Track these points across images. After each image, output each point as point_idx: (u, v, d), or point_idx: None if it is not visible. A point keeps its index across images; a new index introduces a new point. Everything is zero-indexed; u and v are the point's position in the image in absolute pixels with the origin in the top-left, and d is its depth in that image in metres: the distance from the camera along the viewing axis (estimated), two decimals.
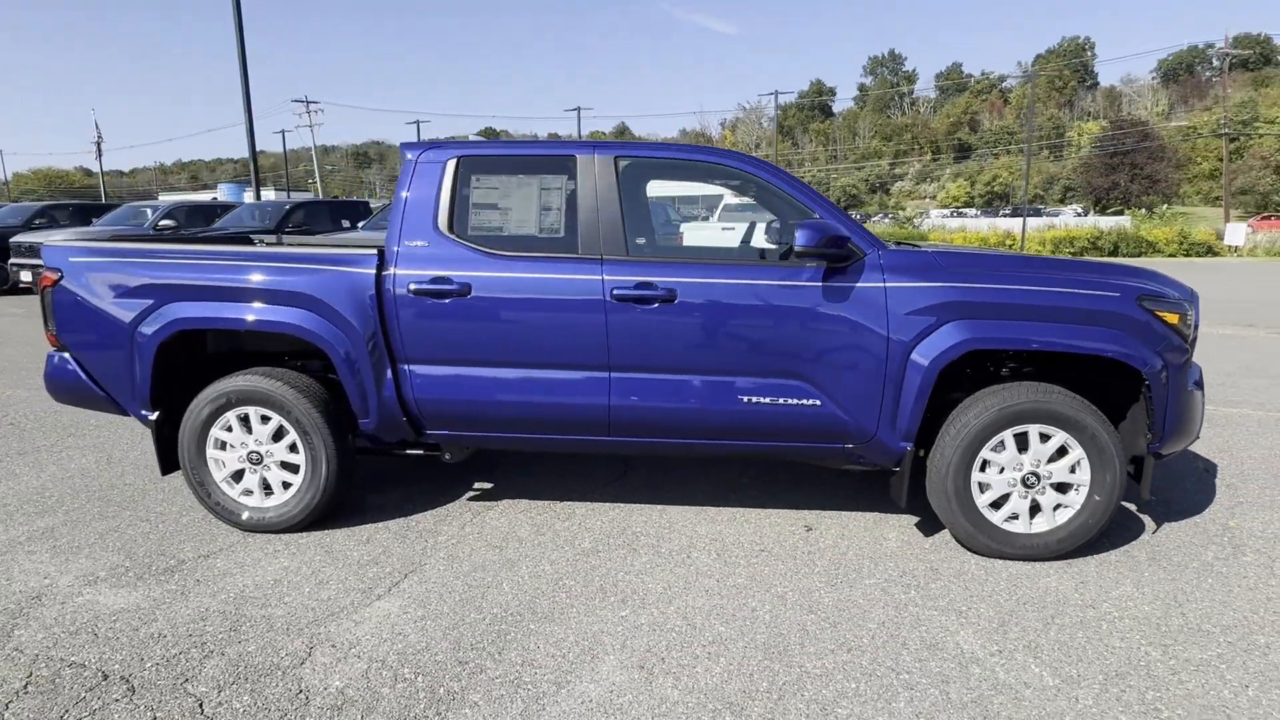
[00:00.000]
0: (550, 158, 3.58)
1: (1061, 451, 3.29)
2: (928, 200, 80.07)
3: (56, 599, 3.08)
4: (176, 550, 3.52)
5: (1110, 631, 2.82)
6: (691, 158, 3.67)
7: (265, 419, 3.62)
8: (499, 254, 3.47)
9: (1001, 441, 3.29)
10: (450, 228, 3.51)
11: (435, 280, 3.45)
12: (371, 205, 13.86)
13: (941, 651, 2.69)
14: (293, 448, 3.63)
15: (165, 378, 3.66)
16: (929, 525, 3.75)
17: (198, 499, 3.71)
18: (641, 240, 3.87)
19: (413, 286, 3.46)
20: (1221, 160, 58.01)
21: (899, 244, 3.74)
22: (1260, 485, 4.30)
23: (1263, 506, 3.98)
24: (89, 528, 3.77)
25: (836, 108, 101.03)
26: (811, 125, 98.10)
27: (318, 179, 55.74)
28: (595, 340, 3.41)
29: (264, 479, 3.68)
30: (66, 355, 3.74)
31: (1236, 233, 28.76)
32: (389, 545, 3.57)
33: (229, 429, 3.64)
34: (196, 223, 14.28)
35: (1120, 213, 53.58)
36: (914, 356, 3.25)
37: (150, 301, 3.57)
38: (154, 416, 3.69)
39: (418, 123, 57.31)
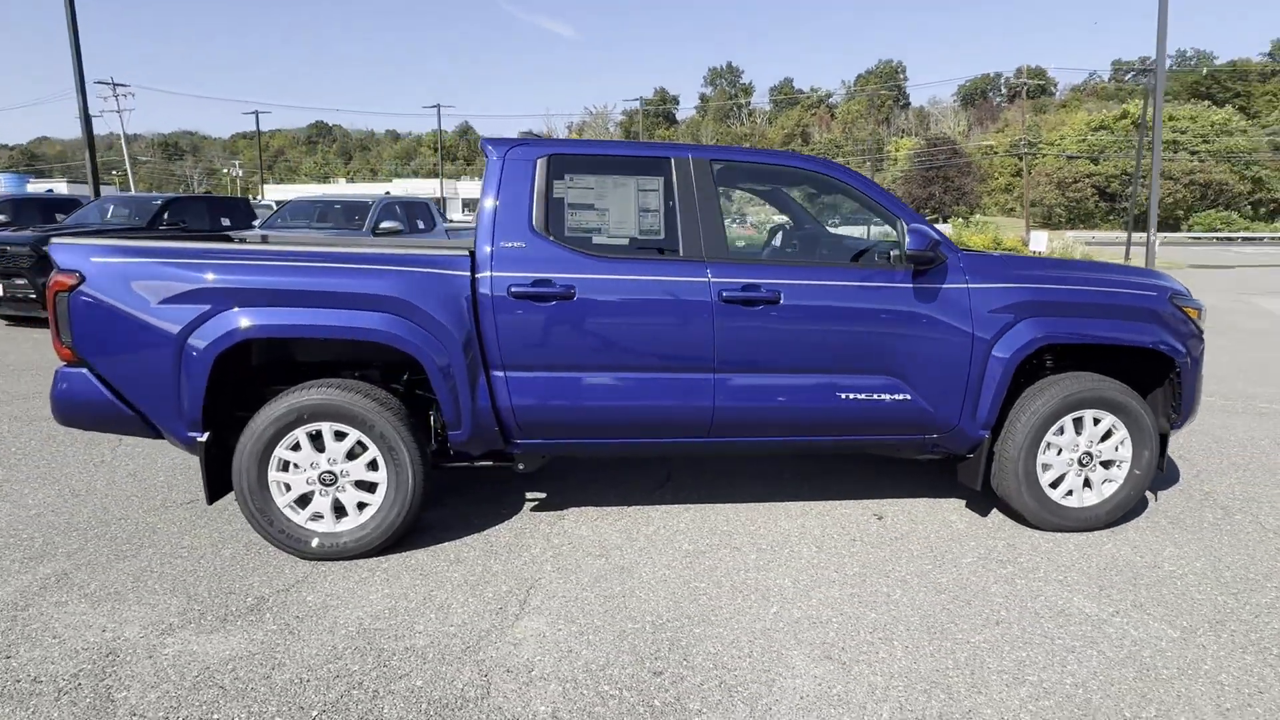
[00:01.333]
0: (643, 159, 3.54)
1: (1108, 433, 3.72)
2: (769, 207, 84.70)
3: (139, 653, 2.67)
4: (244, 586, 3.14)
5: (1186, 586, 3.24)
6: (783, 163, 3.76)
7: (340, 435, 3.31)
8: (602, 255, 3.40)
9: (1062, 426, 3.67)
10: (546, 228, 3.40)
11: (537, 283, 3.32)
12: (266, 202, 12.65)
13: (1071, 617, 2.98)
14: (371, 465, 3.35)
15: (216, 394, 3.25)
16: (979, 506, 4.09)
17: (256, 527, 3.32)
18: (742, 242, 3.93)
19: (513, 289, 3.31)
20: (1016, 175, 66.01)
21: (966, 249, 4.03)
22: (1205, 454, 5.05)
23: (1220, 472, 4.69)
24: (113, 570, 3.26)
25: (680, 116, 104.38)
26: (658, 131, 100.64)
27: (128, 171, 49.87)
28: (702, 342, 3.43)
29: (336, 501, 3.37)
30: (86, 371, 3.22)
31: (1040, 239, 32.92)
32: (485, 563, 3.38)
33: (295, 448, 3.29)
34: (30, 219, 12.43)
35: (935, 221, 59.52)
36: (995, 352, 3.55)
37: (205, 308, 3.16)
38: (204, 438, 3.26)
39: (256, 113, 52.76)
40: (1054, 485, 3.73)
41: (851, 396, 3.55)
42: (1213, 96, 71.75)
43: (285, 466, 3.31)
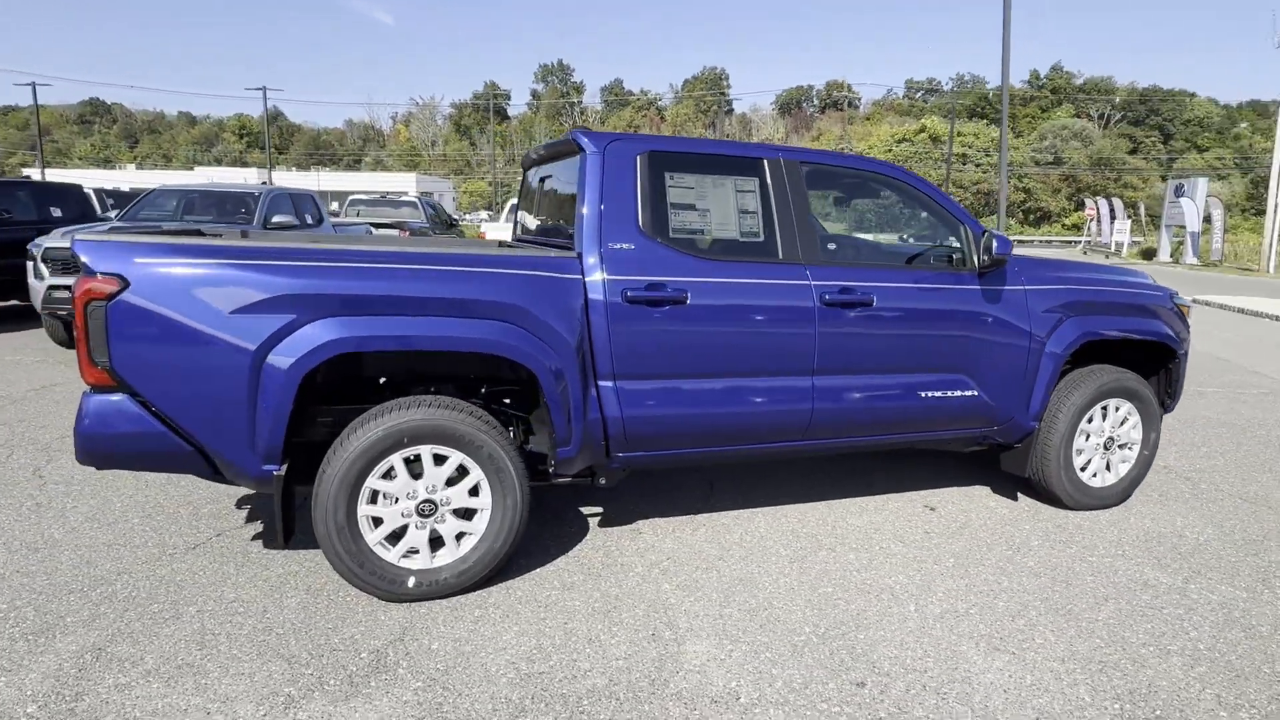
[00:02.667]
0: (739, 158, 3.45)
1: (1124, 419, 4.14)
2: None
3: None
4: (345, 640, 2.71)
5: (1220, 550, 3.68)
6: (864, 167, 3.80)
7: (439, 459, 2.95)
8: (710, 258, 3.28)
9: (1091, 415, 4.04)
10: (653, 229, 3.22)
11: (650, 286, 3.15)
12: (104, 190, 10.85)
13: (1156, 588, 3.29)
14: (473, 490, 3.01)
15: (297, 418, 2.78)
16: (1005, 491, 4.40)
17: (344, 570, 2.88)
18: (833, 246, 3.92)
19: (629, 294, 3.11)
20: None
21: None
22: None
23: (1164, 448, 5.37)
24: (160, 637, 2.69)
25: (512, 112, 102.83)
26: (489, 127, 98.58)
27: None
28: (805, 345, 3.42)
29: (434, 533, 2.99)
30: (126, 398, 2.63)
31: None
32: (597, 587, 3.16)
33: (388, 476, 2.89)
34: None
35: None
36: (1049, 349, 3.83)
37: (289, 318, 2.69)
38: (281, 471, 2.78)
39: (33, 84, 45.26)
40: (1083, 469, 4.10)
41: (929, 394, 3.69)
42: (987, 116, 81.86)
43: (373, 498, 2.90)
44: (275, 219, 8.82)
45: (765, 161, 3.46)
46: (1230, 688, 2.58)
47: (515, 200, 15.30)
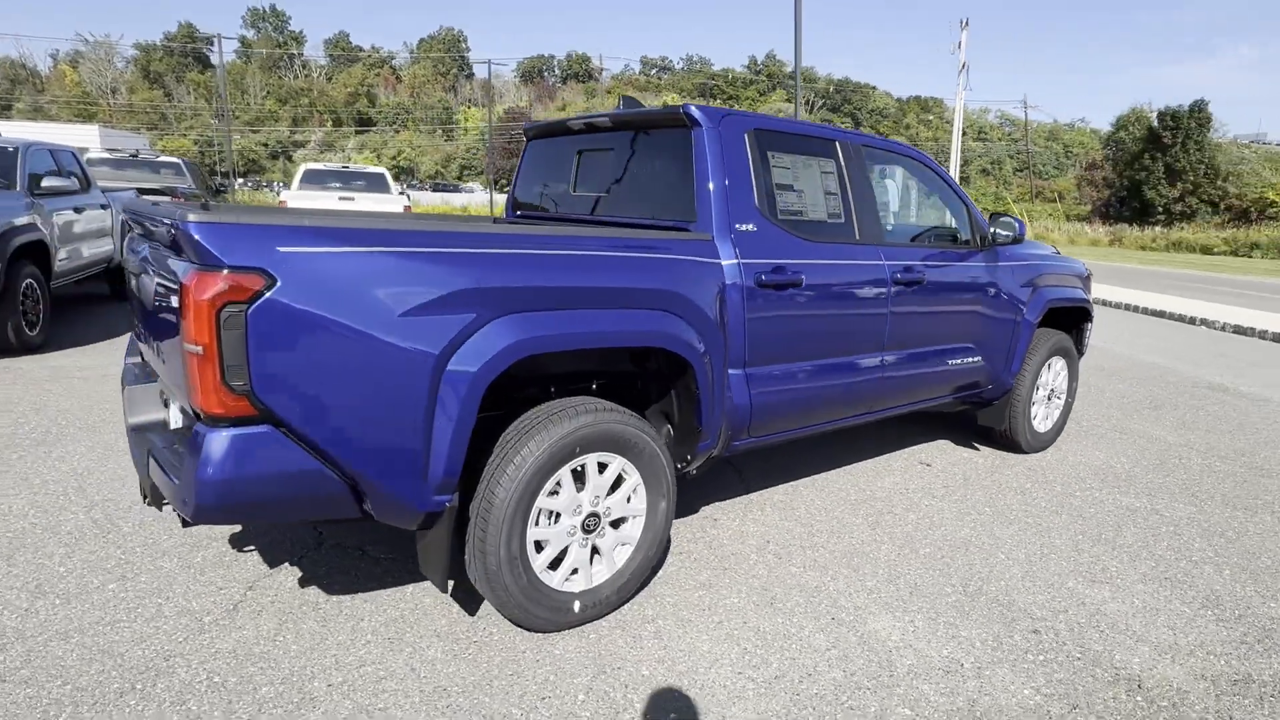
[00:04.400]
0: (820, 139, 3.42)
1: (1059, 374, 4.89)
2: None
3: None
4: (547, 689, 2.36)
5: (1151, 479, 4.52)
6: (898, 150, 3.94)
7: (601, 467, 2.64)
8: (812, 240, 3.27)
9: (1047, 366, 4.72)
10: (765, 210, 3.13)
11: (776, 270, 3.07)
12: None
13: (1139, 511, 3.97)
14: (628, 498, 2.75)
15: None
16: (964, 441, 4.98)
17: (514, 611, 2.49)
18: (890, 227, 3.99)
19: (763, 278, 3.01)
20: None
21: None
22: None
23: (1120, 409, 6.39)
24: (318, 713, 2.14)
25: (217, 60, 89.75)
26: (189, 75, 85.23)
27: None
28: (881, 323, 3.56)
29: (594, 549, 2.69)
30: (271, 428, 2.00)
31: None
32: (740, 581, 3.06)
33: (555, 492, 2.54)
34: None
35: None
36: (1026, 316, 4.39)
37: (470, 317, 2.22)
38: (454, 502, 2.31)
39: None
40: (1033, 418, 4.79)
41: (953, 362, 4.06)
42: (714, 96, 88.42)
43: (537, 518, 2.53)
44: (49, 183, 6.96)
45: (838, 143, 3.51)
46: (1229, 556, 3.25)
47: (309, 166, 13.57)
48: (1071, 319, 5.08)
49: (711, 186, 2.98)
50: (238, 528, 3.32)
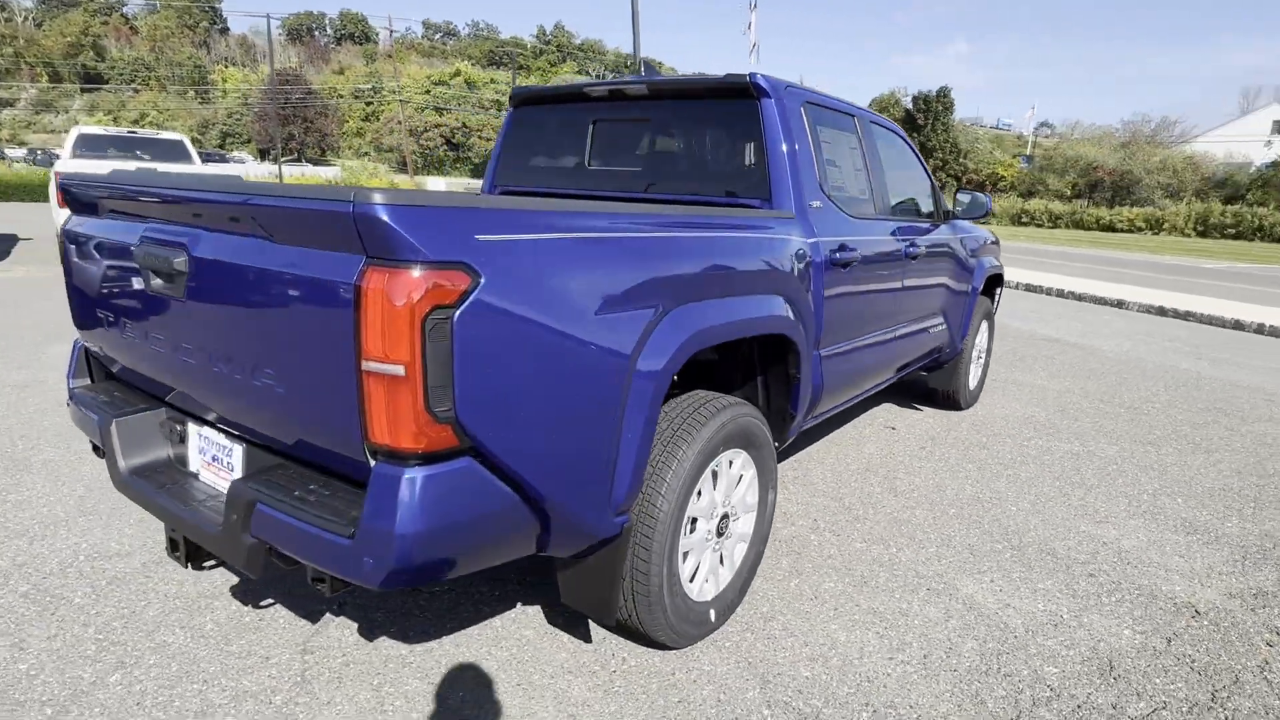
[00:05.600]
0: (845, 114, 3.38)
1: (983, 335, 5.35)
2: (62, 135, 67.25)
3: None
4: (716, 714, 2.18)
5: (1071, 426, 5.11)
6: (887, 125, 3.97)
7: (730, 464, 2.46)
8: (854, 216, 3.25)
9: (981, 329, 5.14)
10: (824, 186, 3.06)
11: (842, 247, 3.02)
12: None
13: (1095, 455, 4.46)
14: (745, 494, 2.59)
15: None
16: (907, 404, 5.31)
17: (666, 633, 2.24)
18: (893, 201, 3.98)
19: (835, 256, 2.94)
20: (366, 120, 67.68)
21: None
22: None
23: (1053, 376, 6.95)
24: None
25: None
26: None
27: None
28: (899, 296, 3.65)
29: (721, 552, 2.51)
30: (471, 460, 1.60)
31: (438, 184, 35.56)
32: (821, 565, 3.02)
33: (698, 496, 2.32)
34: None
35: (298, 162, 57.21)
36: (973, 284, 4.73)
37: (653, 309, 1.94)
38: (631, 521, 2.02)
39: None
40: (968, 375, 5.22)
41: (929, 328, 4.28)
42: (502, 64, 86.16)
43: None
44: None
45: (856, 119, 3.51)
46: (1171, 486, 3.79)
47: (83, 129, 11.30)
48: (990, 285, 5.57)
49: (787, 162, 2.85)
50: (215, 575, 2.71)
